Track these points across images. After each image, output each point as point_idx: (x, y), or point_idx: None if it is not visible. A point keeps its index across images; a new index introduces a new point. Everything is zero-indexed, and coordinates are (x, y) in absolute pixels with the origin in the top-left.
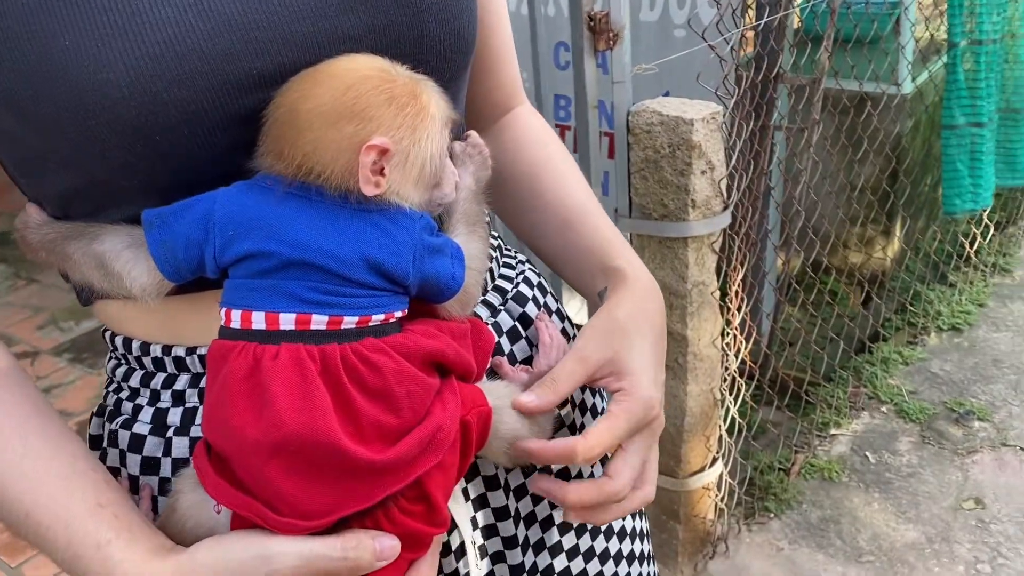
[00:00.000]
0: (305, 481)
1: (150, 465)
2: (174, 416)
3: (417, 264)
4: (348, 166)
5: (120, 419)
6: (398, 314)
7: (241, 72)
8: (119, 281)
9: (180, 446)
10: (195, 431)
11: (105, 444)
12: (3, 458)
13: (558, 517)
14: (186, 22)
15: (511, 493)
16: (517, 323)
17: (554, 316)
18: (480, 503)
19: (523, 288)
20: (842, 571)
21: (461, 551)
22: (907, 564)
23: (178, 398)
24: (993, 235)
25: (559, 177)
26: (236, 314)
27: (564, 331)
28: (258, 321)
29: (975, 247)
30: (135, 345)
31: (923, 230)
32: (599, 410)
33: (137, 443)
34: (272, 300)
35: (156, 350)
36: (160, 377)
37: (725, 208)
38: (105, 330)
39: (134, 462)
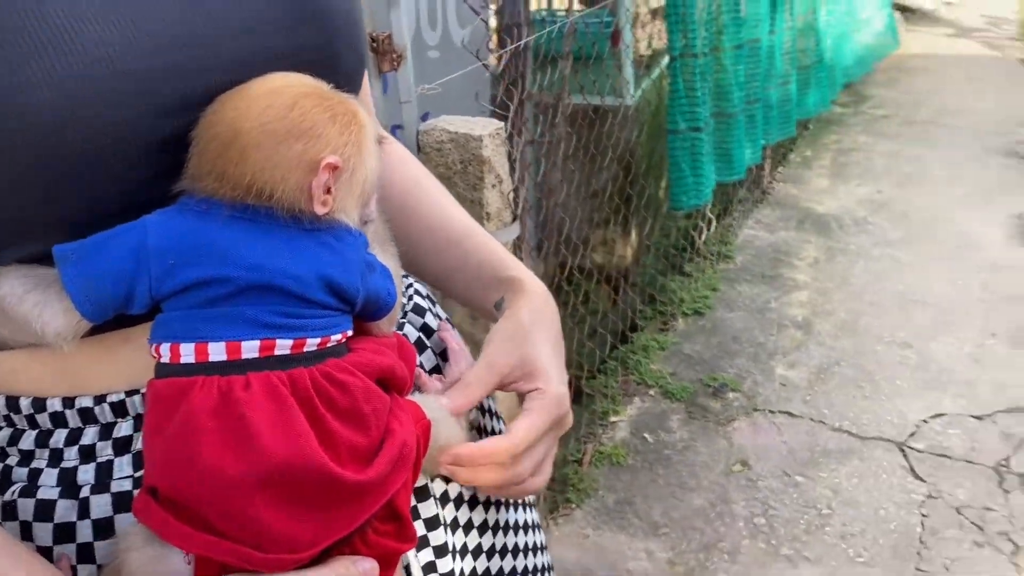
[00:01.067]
0: (292, 512)
1: (65, 532)
2: (86, 474)
3: (363, 282)
4: (299, 184)
5: (14, 488)
6: (349, 333)
7: (173, 93)
8: (25, 327)
9: (100, 505)
10: (117, 486)
11: None
12: None
13: (463, 518)
14: (113, 41)
15: (439, 502)
16: (421, 334)
17: (449, 325)
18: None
19: (418, 300)
20: (643, 547)
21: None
22: (697, 529)
23: (87, 454)
24: (715, 227)
25: (436, 197)
26: (187, 347)
27: None
28: (217, 352)
29: (703, 238)
30: (23, 403)
31: (659, 227)
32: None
33: (45, 510)
34: (231, 328)
35: (54, 404)
36: (61, 434)
37: (515, 219)
38: None
39: (44, 531)
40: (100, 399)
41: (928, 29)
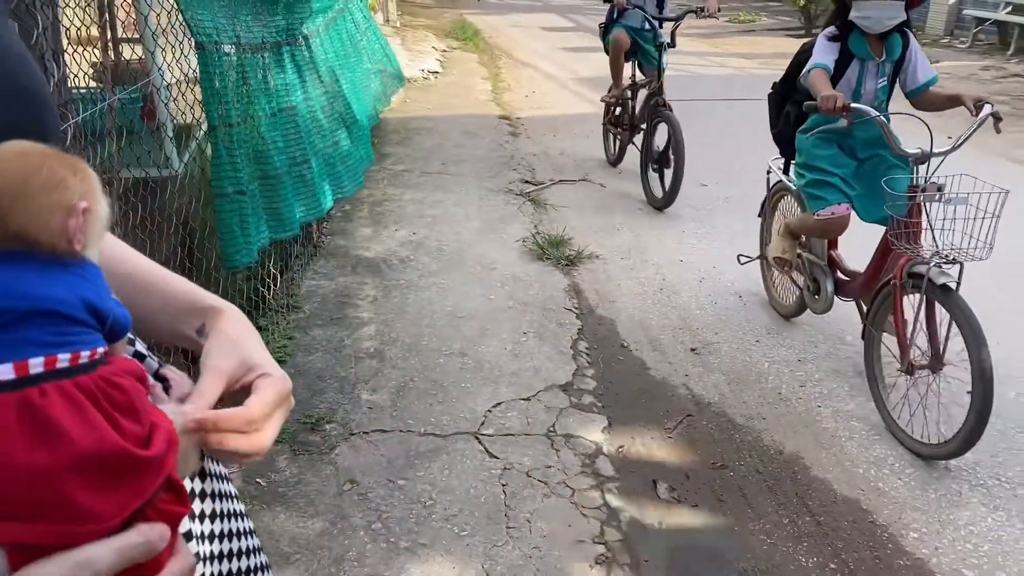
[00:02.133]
0: (99, 490)
1: None
2: None
3: (110, 306)
4: (58, 228)
5: None
6: (106, 348)
7: None
8: None
9: None
10: None
11: None
12: None
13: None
14: None
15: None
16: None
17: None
18: None
19: (138, 347)
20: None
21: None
22: (325, 548)
23: None
24: (280, 282)
25: (123, 247)
26: None
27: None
28: (5, 372)
29: (271, 294)
30: None
31: (230, 287)
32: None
33: None
34: (16, 350)
35: None
36: None
37: None
38: None
39: None
40: None
41: (422, 94)
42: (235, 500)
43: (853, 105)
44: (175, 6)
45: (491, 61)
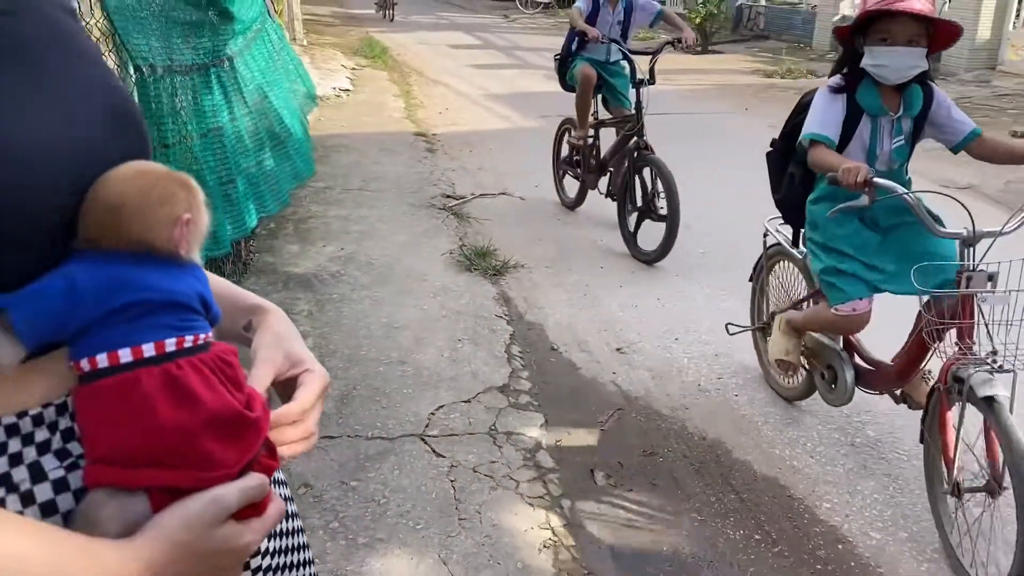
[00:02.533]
0: (223, 443)
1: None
2: (20, 474)
3: (213, 300)
4: (169, 236)
5: None
6: (212, 334)
7: (85, 179)
8: None
9: (43, 491)
10: (53, 474)
11: None
12: None
13: None
14: (50, 145)
15: None
16: None
17: None
18: None
19: None
20: None
21: None
22: None
23: (16, 458)
24: None
25: None
26: (125, 351)
27: None
28: (148, 350)
29: None
30: None
31: None
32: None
33: None
34: (155, 333)
35: None
36: None
37: None
38: None
39: None
40: (22, 415)
41: (335, 112)
42: (290, 502)
43: (878, 181)
44: (111, 31)
45: (402, 79)
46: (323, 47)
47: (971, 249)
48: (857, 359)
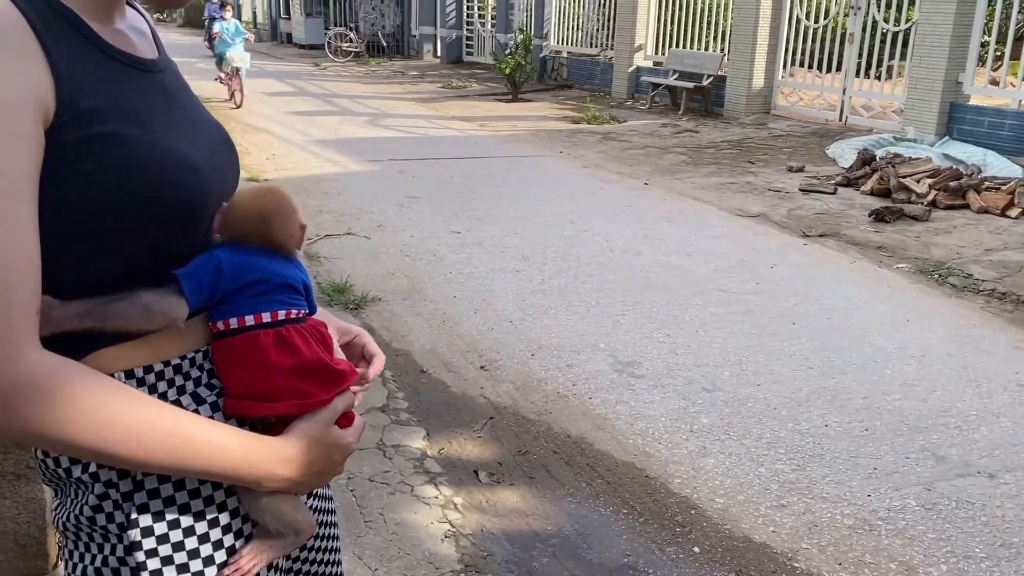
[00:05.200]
0: (317, 384)
1: None
2: (186, 400)
3: (311, 285)
4: (292, 238)
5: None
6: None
7: (227, 185)
8: (162, 317)
9: (204, 412)
10: (210, 399)
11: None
12: (169, 412)
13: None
14: (208, 163)
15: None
16: None
17: None
18: None
19: None
20: None
21: None
22: None
23: (181, 389)
24: None
25: None
26: (249, 317)
27: None
28: (266, 317)
29: None
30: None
31: None
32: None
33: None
34: (272, 305)
35: (151, 369)
36: (163, 386)
37: None
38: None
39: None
40: (183, 357)
41: None
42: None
43: None
44: None
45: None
46: None
47: None
48: None
